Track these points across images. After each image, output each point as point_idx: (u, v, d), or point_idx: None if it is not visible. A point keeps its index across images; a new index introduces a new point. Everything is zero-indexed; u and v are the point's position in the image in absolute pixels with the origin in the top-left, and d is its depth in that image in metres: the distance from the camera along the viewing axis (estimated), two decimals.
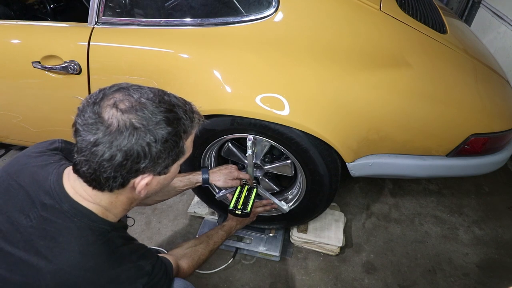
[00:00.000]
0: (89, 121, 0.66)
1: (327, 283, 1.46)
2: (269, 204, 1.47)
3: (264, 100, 1.16)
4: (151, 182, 0.75)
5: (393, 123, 1.21)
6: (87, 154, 0.67)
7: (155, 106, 0.69)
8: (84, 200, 0.74)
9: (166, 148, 0.71)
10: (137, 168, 0.70)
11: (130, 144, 0.66)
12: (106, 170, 0.68)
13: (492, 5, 2.65)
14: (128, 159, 0.67)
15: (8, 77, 1.42)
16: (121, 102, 0.67)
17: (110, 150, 0.66)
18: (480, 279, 1.50)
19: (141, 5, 1.36)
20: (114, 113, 0.66)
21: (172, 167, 0.77)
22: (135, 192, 0.76)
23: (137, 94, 0.70)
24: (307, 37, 1.21)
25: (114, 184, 0.71)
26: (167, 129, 0.70)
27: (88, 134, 0.66)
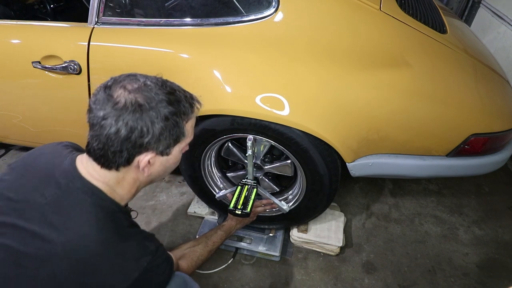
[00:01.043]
0: (100, 100, 0.75)
1: (327, 283, 1.46)
2: (269, 204, 1.47)
3: (264, 100, 1.16)
4: (154, 161, 0.82)
5: (393, 123, 1.21)
6: (97, 128, 0.75)
7: (158, 88, 0.78)
8: (95, 179, 0.81)
9: (167, 126, 0.79)
10: (141, 143, 0.77)
11: (135, 119, 0.75)
12: (113, 144, 0.75)
13: (492, 5, 2.65)
14: (133, 132, 0.75)
15: (8, 77, 1.42)
16: (129, 84, 0.77)
17: (116, 124, 0.74)
18: (480, 279, 1.50)
19: (141, 5, 1.36)
20: (122, 93, 0.75)
21: (173, 149, 0.84)
22: (139, 171, 0.82)
23: (143, 78, 0.79)
24: (307, 37, 1.21)
25: (120, 160, 0.78)
26: (168, 108, 0.78)
27: (99, 110, 0.75)
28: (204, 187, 1.53)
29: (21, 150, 2.11)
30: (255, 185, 1.41)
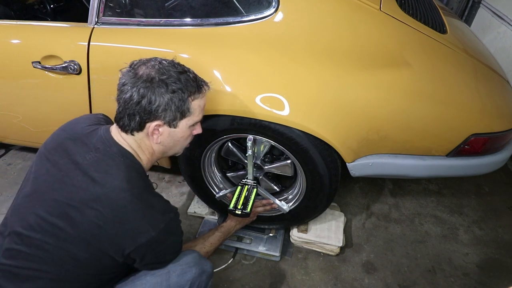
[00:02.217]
0: (125, 71, 0.94)
1: (327, 283, 1.46)
2: (269, 204, 1.47)
3: (264, 100, 1.16)
4: (163, 131, 0.96)
5: (393, 123, 1.21)
6: (119, 93, 0.93)
7: (171, 66, 0.94)
8: (125, 145, 0.96)
9: (173, 98, 0.92)
10: (150, 110, 0.91)
11: (146, 88, 0.90)
12: (128, 107, 0.91)
13: (492, 5, 2.65)
14: (143, 99, 0.90)
15: (8, 77, 1.42)
16: (149, 62, 0.94)
17: (131, 90, 0.90)
18: (480, 279, 1.50)
19: (141, 5, 1.35)
20: (142, 67, 0.93)
21: (180, 123, 0.97)
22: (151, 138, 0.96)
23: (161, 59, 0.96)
24: (307, 37, 1.21)
25: (134, 123, 0.93)
26: (177, 84, 0.92)
27: (121, 79, 0.93)
28: (204, 187, 1.53)
29: (21, 150, 2.11)
30: (255, 185, 1.41)
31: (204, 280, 1.02)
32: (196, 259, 1.03)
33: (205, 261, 1.06)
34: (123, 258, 0.91)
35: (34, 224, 0.88)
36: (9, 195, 1.80)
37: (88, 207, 0.86)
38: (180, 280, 0.98)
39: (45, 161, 0.97)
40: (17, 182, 1.88)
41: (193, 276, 0.99)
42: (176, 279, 0.97)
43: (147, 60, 0.95)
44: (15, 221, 0.91)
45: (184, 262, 1.01)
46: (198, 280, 1.00)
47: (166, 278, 0.97)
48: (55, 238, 0.87)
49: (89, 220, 0.86)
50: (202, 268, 1.02)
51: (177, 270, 0.99)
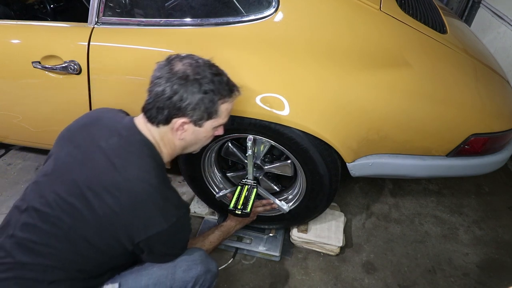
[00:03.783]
0: (161, 64, 0.95)
1: (327, 283, 1.46)
2: (269, 204, 1.47)
3: (264, 100, 1.16)
4: (188, 128, 0.97)
5: (393, 123, 1.21)
6: (151, 85, 0.94)
7: (207, 67, 0.96)
8: (148, 135, 0.97)
9: (204, 99, 0.93)
10: (179, 106, 0.92)
11: (179, 84, 0.91)
12: (158, 100, 0.92)
13: (492, 5, 2.65)
14: (175, 95, 0.91)
15: (8, 77, 1.41)
16: (186, 59, 0.95)
17: (164, 84, 0.91)
18: (480, 279, 1.50)
19: (141, 5, 1.35)
20: (178, 63, 0.94)
21: (206, 123, 0.98)
22: (174, 133, 0.97)
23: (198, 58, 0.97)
24: (307, 37, 1.21)
25: (161, 116, 0.94)
26: (209, 85, 0.94)
27: (157, 72, 0.94)
28: (204, 187, 1.53)
29: (21, 150, 2.11)
30: (255, 185, 1.41)
31: (208, 279, 1.03)
32: (203, 257, 1.04)
33: (211, 260, 1.07)
34: (133, 247, 0.92)
35: (52, 202, 0.90)
36: (9, 195, 1.80)
37: (106, 193, 0.88)
38: (185, 276, 0.99)
39: (68, 142, 0.99)
40: (17, 182, 1.88)
41: (198, 273, 1.00)
42: (182, 274, 0.99)
43: (184, 56, 0.97)
44: (34, 197, 0.93)
45: (191, 259, 1.02)
46: (202, 278, 1.01)
47: (172, 272, 0.99)
48: (71, 218, 0.89)
49: (106, 205, 0.88)
50: (208, 267, 1.03)
51: (183, 266, 1.00)
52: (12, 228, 0.91)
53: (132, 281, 0.98)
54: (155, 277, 0.98)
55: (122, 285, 0.98)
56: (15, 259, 0.87)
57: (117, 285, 0.97)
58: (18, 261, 0.87)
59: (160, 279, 0.98)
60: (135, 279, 0.99)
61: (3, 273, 0.86)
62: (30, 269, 0.87)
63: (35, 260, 0.88)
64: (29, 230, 0.90)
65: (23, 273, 0.87)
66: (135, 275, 0.99)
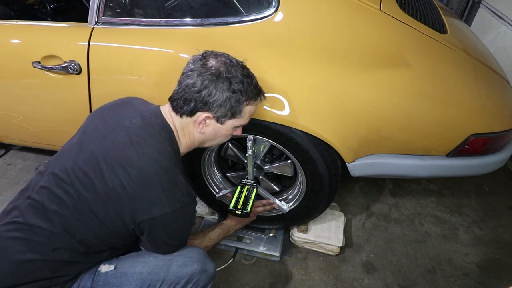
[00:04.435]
0: (196, 58, 0.99)
1: (327, 283, 1.46)
2: (269, 204, 1.47)
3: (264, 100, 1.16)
4: (210, 123, 1.01)
5: (393, 123, 1.21)
6: (183, 76, 0.98)
7: (239, 68, 0.99)
8: (170, 122, 1.02)
9: (231, 98, 0.97)
10: (206, 101, 0.96)
11: (210, 80, 0.95)
12: (188, 92, 0.96)
13: (492, 5, 2.65)
14: (205, 89, 0.95)
15: (8, 77, 1.42)
16: (221, 57, 0.99)
17: (196, 78, 0.95)
18: (480, 279, 1.50)
19: (141, 5, 1.35)
20: (212, 59, 0.98)
21: (228, 122, 1.02)
22: (196, 126, 1.01)
23: (232, 58, 1.01)
24: (307, 37, 1.21)
25: (187, 108, 0.97)
26: (238, 85, 0.97)
27: (191, 64, 0.98)
28: (204, 187, 1.53)
29: (21, 150, 2.11)
30: (255, 185, 1.41)
31: (203, 279, 1.02)
32: (201, 257, 1.04)
33: (210, 261, 1.06)
34: (134, 226, 0.94)
35: (69, 169, 0.94)
36: (9, 195, 1.80)
37: (119, 167, 0.91)
38: (179, 271, 0.99)
39: (97, 118, 1.05)
40: (17, 182, 1.88)
41: (193, 271, 1.00)
42: (176, 269, 0.99)
43: (219, 54, 1.00)
44: (56, 163, 0.98)
45: (188, 256, 1.03)
46: (197, 277, 1.01)
47: (167, 264, 1.00)
48: (82, 186, 0.92)
49: (117, 178, 0.91)
50: (205, 267, 1.03)
51: (179, 261, 1.01)
52: (31, 190, 0.97)
53: (127, 266, 1.00)
54: (150, 266, 0.99)
55: (117, 267, 1.00)
56: (25, 219, 0.92)
57: (113, 267, 1.00)
58: (27, 222, 0.91)
59: (154, 269, 0.99)
60: (131, 264, 1.00)
61: (13, 232, 0.91)
62: (37, 232, 0.91)
63: (43, 224, 0.91)
64: (43, 193, 0.94)
65: (31, 235, 0.91)
66: (132, 260, 1.01)
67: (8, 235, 0.91)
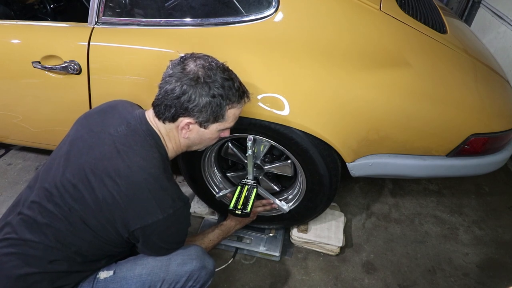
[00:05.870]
0: (175, 62, 0.97)
1: (327, 283, 1.46)
2: (269, 204, 1.47)
3: (264, 100, 1.16)
4: (193, 128, 1.00)
5: (393, 123, 1.20)
6: (162, 82, 0.96)
7: (219, 71, 0.96)
8: (155, 127, 1.00)
9: (211, 103, 0.95)
10: (186, 107, 0.94)
11: (189, 85, 0.93)
12: (167, 98, 0.94)
13: (492, 5, 2.65)
14: (183, 95, 0.93)
15: (8, 77, 1.42)
16: (199, 60, 0.96)
17: (175, 83, 0.93)
18: (480, 279, 1.50)
19: (141, 5, 1.35)
20: (191, 64, 0.95)
21: (211, 126, 1.00)
22: (179, 131, 1.00)
23: (212, 60, 0.98)
24: (307, 37, 1.21)
25: (168, 114, 0.96)
26: (219, 90, 0.95)
27: (170, 70, 0.96)
28: (204, 187, 1.53)
29: (21, 150, 2.11)
30: (255, 185, 1.41)
31: (203, 276, 1.03)
32: (199, 253, 1.05)
33: (208, 258, 1.07)
34: (128, 234, 0.94)
35: (58, 183, 0.94)
36: (9, 195, 1.80)
37: (108, 178, 0.91)
38: (179, 269, 1.00)
39: (83, 126, 1.04)
40: (17, 182, 1.88)
41: (193, 268, 1.01)
42: (176, 267, 1.00)
43: (198, 56, 0.98)
44: (45, 177, 0.98)
45: (187, 253, 1.03)
46: (197, 274, 1.01)
47: (166, 264, 1.00)
48: (73, 199, 0.92)
49: (107, 189, 0.90)
50: (203, 264, 1.03)
51: (178, 259, 1.01)
52: (21, 206, 0.96)
53: (126, 270, 1.01)
54: (149, 267, 1.00)
55: (116, 272, 1.00)
56: (19, 235, 0.92)
57: (111, 272, 1.00)
58: (21, 237, 0.91)
59: (154, 269, 0.99)
60: (129, 267, 1.01)
61: (7, 248, 0.91)
62: (31, 247, 0.91)
63: (37, 238, 0.91)
64: (35, 208, 0.94)
65: (25, 250, 0.91)
66: (131, 264, 1.02)
67: (2, 251, 0.91)
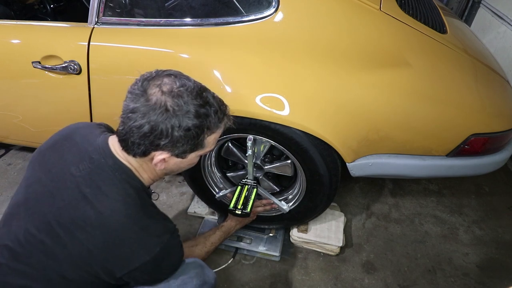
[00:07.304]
0: (136, 92, 0.80)
1: (327, 283, 1.46)
2: (269, 204, 1.47)
3: (264, 100, 1.16)
4: (169, 160, 0.86)
5: (393, 123, 1.21)
6: (125, 117, 0.80)
7: (191, 98, 0.80)
8: (123, 159, 0.87)
9: (186, 136, 0.82)
10: (158, 144, 0.81)
11: (158, 121, 0.78)
12: (133, 135, 0.80)
13: (492, 5, 2.65)
14: (152, 133, 0.79)
15: (8, 77, 1.42)
16: (165, 85, 0.80)
17: (141, 120, 0.78)
18: (480, 279, 1.50)
19: (141, 5, 1.35)
20: (156, 92, 0.79)
21: (189, 155, 0.88)
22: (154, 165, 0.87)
23: (180, 83, 0.81)
24: (307, 37, 1.21)
25: (138, 150, 0.83)
26: (193, 121, 0.81)
27: (131, 102, 0.79)
28: (204, 187, 1.53)
29: (21, 150, 2.11)
30: (255, 185, 1.41)
31: None
32: (198, 270, 0.99)
33: (208, 271, 1.02)
34: (115, 281, 0.86)
35: (22, 240, 0.84)
36: (9, 195, 1.80)
37: (78, 229, 0.81)
38: None
39: (39, 166, 0.91)
40: (17, 182, 1.88)
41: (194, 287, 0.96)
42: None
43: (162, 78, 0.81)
44: (5, 233, 0.87)
45: (185, 272, 0.97)
46: None
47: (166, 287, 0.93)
48: (43, 255, 0.82)
49: (79, 242, 0.81)
50: (204, 279, 0.98)
51: (177, 281, 0.95)
52: None
53: None
54: None
55: None
56: None
57: None
58: None
59: None
60: None
61: None
62: None
63: None
64: (3, 271, 0.84)
65: None
66: None
67: None
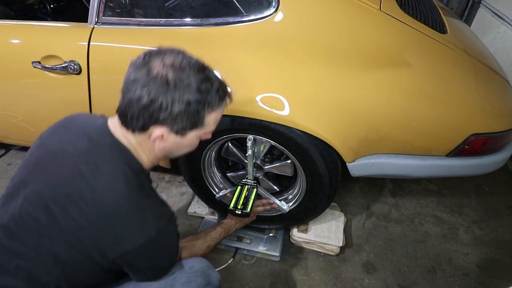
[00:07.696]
0: (138, 63, 0.80)
1: (327, 283, 1.46)
2: (269, 204, 1.47)
3: (264, 100, 1.16)
4: (168, 137, 0.84)
5: (393, 123, 1.21)
6: (125, 88, 0.79)
7: (193, 72, 0.79)
8: (122, 138, 0.85)
9: (186, 111, 0.80)
10: (157, 117, 0.79)
11: (158, 93, 0.77)
12: (132, 107, 0.79)
13: (492, 5, 2.65)
14: (152, 104, 0.77)
15: (8, 77, 1.42)
16: (168, 57, 0.79)
17: (141, 91, 0.77)
18: (480, 279, 1.50)
19: (141, 5, 1.35)
20: (158, 64, 0.78)
21: (189, 133, 0.86)
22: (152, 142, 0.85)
23: (184, 57, 0.81)
24: (307, 37, 1.21)
25: (136, 124, 0.81)
26: (194, 95, 0.79)
27: (132, 73, 0.79)
28: (204, 187, 1.53)
29: (21, 150, 2.11)
30: (255, 185, 1.41)
31: None
32: (204, 269, 0.98)
33: (213, 272, 1.01)
34: (108, 263, 0.84)
35: (17, 217, 0.83)
36: None
37: (72, 205, 0.79)
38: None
39: (37, 148, 0.91)
40: None
41: (198, 286, 0.94)
42: (180, 287, 0.92)
43: (165, 52, 0.80)
44: (3, 213, 0.86)
45: (191, 271, 0.96)
46: None
47: (170, 284, 0.92)
48: (37, 234, 0.81)
49: (72, 219, 0.79)
50: (209, 280, 0.97)
51: (182, 278, 0.93)
52: None
53: None
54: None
55: None
56: None
57: None
58: None
59: None
60: None
61: None
62: None
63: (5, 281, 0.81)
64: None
65: None
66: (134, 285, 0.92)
67: None
